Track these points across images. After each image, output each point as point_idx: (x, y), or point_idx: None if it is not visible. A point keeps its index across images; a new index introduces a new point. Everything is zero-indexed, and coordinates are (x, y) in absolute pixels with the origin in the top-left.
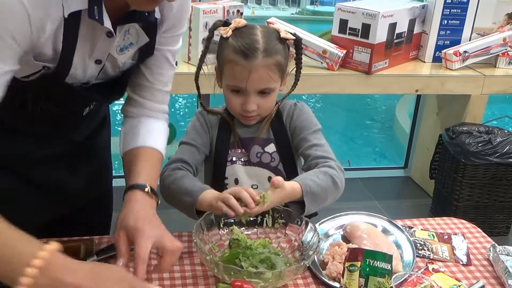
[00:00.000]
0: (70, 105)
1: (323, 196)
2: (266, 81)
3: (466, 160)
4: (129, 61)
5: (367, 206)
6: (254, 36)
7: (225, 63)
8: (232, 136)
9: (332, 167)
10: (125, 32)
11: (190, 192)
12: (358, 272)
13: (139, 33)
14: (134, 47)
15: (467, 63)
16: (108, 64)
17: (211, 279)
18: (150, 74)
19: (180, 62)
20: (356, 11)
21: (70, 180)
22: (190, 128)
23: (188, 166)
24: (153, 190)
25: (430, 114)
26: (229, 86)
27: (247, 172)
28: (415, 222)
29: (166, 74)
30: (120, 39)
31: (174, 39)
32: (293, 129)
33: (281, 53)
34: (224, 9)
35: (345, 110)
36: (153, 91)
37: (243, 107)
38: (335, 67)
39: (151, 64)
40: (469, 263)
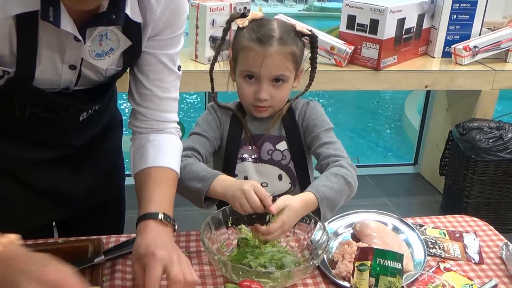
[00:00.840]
0: (56, 110)
1: (338, 199)
2: (280, 68)
3: (476, 156)
4: (113, 67)
5: (377, 203)
6: (270, 26)
7: (240, 50)
8: (243, 133)
9: (343, 166)
10: (100, 36)
11: (202, 178)
12: (368, 272)
13: (119, 37)
14: (115, 52)
15: (477, 58)
16: (87, 70)
17: (219, 278)
18: (147, 81)
19: (187, 60)
20: (364, 7)
21: (72, 184)
22: (202, 120)
23: (198, 155)
24: (167, 217)
25: (440, 110)
26: (242, 72)
27: (257, 170)
28: (426, 220)
29: (166, 80)
30: (94, 44)
31: (169, 42)
32: (306, 127)
33: (297, 45)
34: (231, 6)
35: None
36: (154, 99)
37: (255, 95)
38: (343, 64)
39: (147, 70)
40: (481, 261)
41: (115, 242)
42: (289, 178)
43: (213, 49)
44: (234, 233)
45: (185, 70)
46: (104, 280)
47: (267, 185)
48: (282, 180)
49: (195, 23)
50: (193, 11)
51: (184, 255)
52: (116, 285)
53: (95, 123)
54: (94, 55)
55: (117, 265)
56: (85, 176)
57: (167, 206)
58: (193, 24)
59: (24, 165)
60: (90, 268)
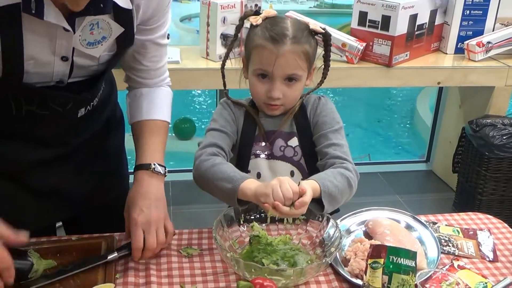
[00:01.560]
0: (52, 107)
1: (339, 198)
2: (293, 67)
3: (490, 153)
4: (106, 53)
5: (389, 201)
6: (283, 24)
7: (253, 48)
8: (257, 129)
9: (348, 169)
10: (91, 25)
11: (231, 179)
12: (381, 269)
13: (111, 25)
14: (108, 40)
15: (490, 54)
16: (80, 59)
17: (231, 276)
18: (144, 59)
19: (198, 58)
20: (376, 3)
21: (73, 184)
22: (217, 116)
23: (222, 152)
24: (159, 166)
25: (452, 107)
26: (255, 70)
27: (269, 166)
28: (439, 218)
29: (159, 54)
30: (84, 33)
31: (156, 29)
32: (315, 123)
33: (310, 44)
34: (242, 4)
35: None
36: (149, 71)
37: (268, 93)
38: (354, 60)
39: (143, 52)
40: (495, 259)
41: (128, 240)
42: (301, 174)
43: (224, 47)
44: (246, 230)
45: (196, 68)
46: (117, 277)
47: None
48: (294, 176)
49: (206, 21)
50: (204, 8)
51: (162, 212)
52: (129, 282)
53: (94, 119)
54: (85, 44)
55: (130, 262)
56: (87, 176)
57: (159, 155)
58: (204, 22)
59: (24, 166)
60: (104, 265)
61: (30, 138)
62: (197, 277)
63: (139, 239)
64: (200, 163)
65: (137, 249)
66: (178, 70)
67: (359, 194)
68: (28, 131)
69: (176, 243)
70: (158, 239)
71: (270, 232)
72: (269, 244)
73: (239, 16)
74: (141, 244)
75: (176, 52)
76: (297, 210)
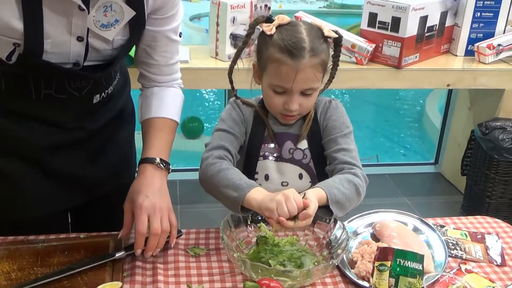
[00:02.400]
0: (69, 91)
1: (347, 205)
2: (312, 81)
3: (499, 156)
4: (119, 37)
5: (396, 203)
6: (299, 35)
7: (270, 61)
8: (266, 131)
9: (357, 175)
10: (105, 7)
11: (237, 187)
12: (388, 272)
13: (123, 8)
14: (120, 23)
15: (501, 56)
16: (95, 41)
17: (238, 276)
18: (155, 54)
19: (207, 58)
20: (386, 4)
21: (88, 170)
22: (226, 116)
23: (229, 155)
24: (163, 162)
25: (462, 109)
26: (272, 85)
27: (278, 168)
28: (447, 221)
29: (171, 50)
30: (98, 14)
31: (167, 20)
32: (325, 127)
33: (325, 52)
34: (252, 3)
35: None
36: (160, 67)
37: (285, 106)
38: (364, 62)
39: (154, 45)
40: (503, 263)
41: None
42: (309, 177)
43: (233, 47)
44: (254, 231)
45: (205, 67)
46: (125, 276)
47: (287, 184)
48: (302, 179)
49: (215, 21)
50: (214, 8)
51: (167, 202)
52: (137, 280)
53: (109, 108)
54: (99, 26)
55: (138, 260)
56: (101, 163)
57: (165, 152)
58: (214, 22)
59: (42, 150)
60: (111, 263)
61: (47, 122)
62: (203, 276)
63: (143, 224)
64: (206, 166)
65: (141, 234)
66: (187, 69)
67: (367, 196)
68: (46, 115)
69: (183, 243)
70: (162, 226)
71: (277, 233)
72: (276, 245)
73: (249, 15)
74: (145, 229)
75: (186, 51)
76: (301, 223)
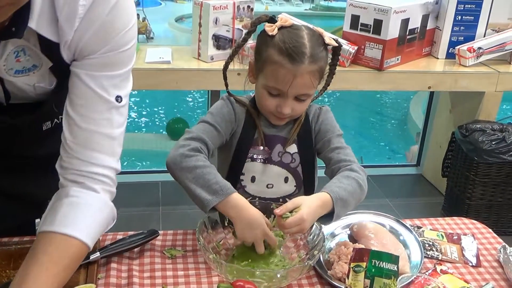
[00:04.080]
0: (8, 121)
1: (351, 201)
2: (308, 87)
3: (479, 158)
4: (42, 85)
5: (378, 205)
6: (301, 39)
7: (268, 63)
8: (256, 133)
9: (354, 169)
10: (16, 53)
11: (213, 191)
12: (364, 273)
13: (40, 56)
14: (40, 69)
15: (481, 59)
16: (12, 86)
17: (214, 278)
18: (70, 106)
19: (190, 59)
20: (368, 7)
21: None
22: (216, 111)
23: (206, 150)
24: None
25: (443, 111)
26: (268, 87)
27: (265, 171)
28: (425, 222)
29: (94, 109)
30: (9, 62)
31: (97, 62)
32: (317, 131)
33: (324, 59)
34: (234, 4)
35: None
36: (78, 131)
37: (278, 108)
38: (346, 64)
39: (71, 93)
40: (478, 264)
41: (112, 240)
42: (295, 181)
43: (216, 48)
44: (230, 233)
45: (187, 68)
46: (99, 278)
47: (272, 186)
48: (287, 182)
49: (198, 21)
50: (196, 9)
51: None
52: (111, 282)
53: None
54: (13, 73)
55: (113, 262)
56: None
57: None
58: (196, 23)
59: None
60: (86, 265)
61: None
62: (179, 278)
63: None
64: (181, 156)
65: None
66: (169, 70)
67: None
68: None
69: (160, 244)
70: None
71: None
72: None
73: (231, 16)
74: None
75: (168, 52)
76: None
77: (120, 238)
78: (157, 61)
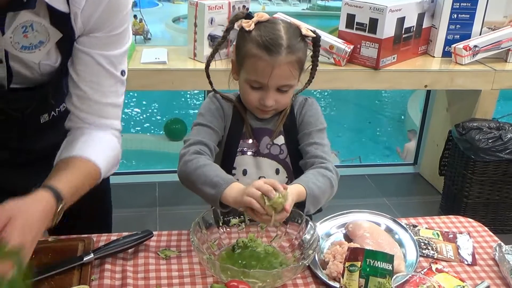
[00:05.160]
0: (7, 112)
1: (322, 199)
2: (287, 77)
3: (476, 156)
4: (47, 63)
5: (376, 203)
6: (277, 32)
7: (247, 57)
8: (244, 127)
9: (329, 169)
10: (24, 28)
11: (214, 184)
12: (358, 272)
13: (47, 29)
14: (46, 45)
15: (477, 57)
16: (16, 64)
17: (209, 278)
18: (82, 82)
19: (186, 59)
20: (364, 6)
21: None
22: (205, 110)
23: (207, 149)
24: (62, 207)
25: (440, 110)
26: (249, 80)
27: (255, 164)
28: (420, 221)
29: (104, 83)
30: (17, 36)
31: (105, 41)
32: (300, 122)
33: (302, 50)
34: (230, 4)
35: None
36: (90, 102)
37: (261, 101)
38: (342, 63)
39: (82, 71)
40: (474, 263)
41: (106, 241)
42: (286, 172)
43: (211, 48)
44: (225, 233)
45: (183, 69)
46: (93, 279)
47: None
48: (279, 174)
49: (193, 22)
50: (192, 9)
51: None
52: (105, 284)
53: (60, 127)
54: (19, 48)
55: (106, 264)
56: None
57: (72, 195)
58: (192, 23)
59: None
60: (79, 267)
61: None
62: (174, 279)
63: None
64: (184, 163)
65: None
66: (165, 71)
67: (346, 197)
68: None
69: (154, 245)
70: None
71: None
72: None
73: (227, 16)
74: None
75: (163, 53)
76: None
77: (114, 239)
78: (153, 62)
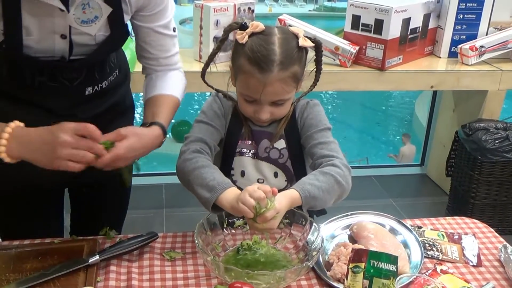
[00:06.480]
0: (60, 80)
1: (326, 198)
2: (280, 93)
3: (482, 157)
4: (101, 33)
5: (382, 205)
6: (270, 46)
7: (240, 71)
8: (243, 128)
9: (335, 165)
10: (83, 5)
11: (211, 188)
12: (362, 274)
13: (101, 5)
14: (100, 19)
15: (483, 58)
16: (78, 37)
17: (214, 280)
18: (151, 48)
19: (191, 61)
20: (369, 7)
21: None
22: (207, 108)
23: (207, 148)
24: (165, 131)
25: (446, 111)
26: (242, 94)
27: (254, 166)
28: (425, 222)
29: (166, 44)
30: (77, 12)
31: (155, 17)
32: (302, 126)
33: (298, 63)
34: (235, 6)
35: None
36: (158, 60)
37: (256, 114)
38: (347, 64)
39: (149, 40)
40: (479, 264)
41: (111, 243)
42: (285, 176)
43: None
44: (230, 234)
45: (189, 71)
46: (98, 281)
47: (263, 181)
48: (278, 177)
49: (199, 24)
50: (197, 11)
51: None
52: (110, 285)
53: (103, 101)
54: (80, 22)
55: (112, 265)
56: None
57: (168, 123)
58: (197, 25)
59: None
60: (85, 269)
61: (43, 107)
62: (178, 280)
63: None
64: (183, 161)
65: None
66: None
67: (353, 198)
68: (41, 101)
69: (159, 246)
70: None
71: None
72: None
73: (232, 18)
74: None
75: None
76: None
77: (119, 241)
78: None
